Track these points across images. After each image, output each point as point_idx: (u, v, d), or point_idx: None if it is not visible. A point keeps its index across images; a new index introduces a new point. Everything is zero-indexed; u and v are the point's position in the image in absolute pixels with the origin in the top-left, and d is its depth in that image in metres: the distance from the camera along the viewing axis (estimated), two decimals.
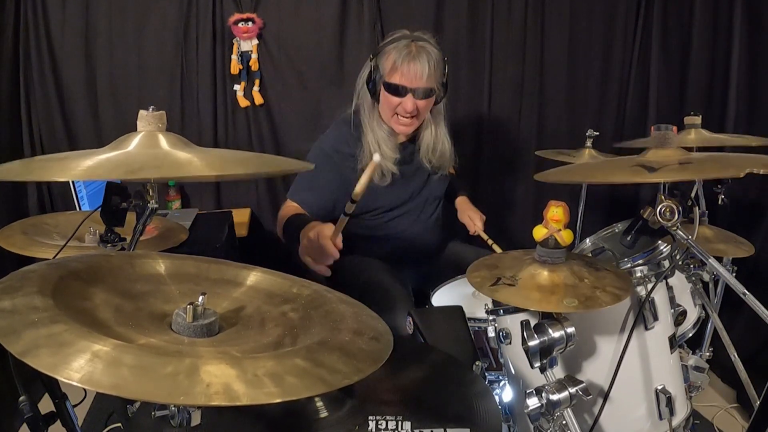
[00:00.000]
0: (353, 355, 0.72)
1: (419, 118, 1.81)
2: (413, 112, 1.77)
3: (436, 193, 2.02)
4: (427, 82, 1.73)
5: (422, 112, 1.80)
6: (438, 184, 2.02)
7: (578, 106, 2.73)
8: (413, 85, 1.73)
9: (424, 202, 2.00)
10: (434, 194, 2.02)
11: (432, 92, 1.77)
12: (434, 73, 1.74)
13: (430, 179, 1.98)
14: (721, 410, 2.16)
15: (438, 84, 1.78)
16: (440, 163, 1.94)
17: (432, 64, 1.73)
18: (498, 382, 1.42)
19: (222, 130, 2.60)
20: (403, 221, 1.94)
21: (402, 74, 1.73)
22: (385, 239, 1.94)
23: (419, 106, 1.77)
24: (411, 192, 1.96)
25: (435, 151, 1.90)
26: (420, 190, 1.98)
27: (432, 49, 1.75)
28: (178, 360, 0.61)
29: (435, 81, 1.76)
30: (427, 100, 1.77)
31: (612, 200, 2.77)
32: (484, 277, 1.15)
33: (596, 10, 2.64)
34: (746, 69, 2.47)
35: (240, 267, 0.97)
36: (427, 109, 1.81)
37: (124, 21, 2.46)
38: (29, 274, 0.75)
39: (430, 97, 1.78)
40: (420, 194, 1.98)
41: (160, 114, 1.07)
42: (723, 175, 1.48)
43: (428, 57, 1.73)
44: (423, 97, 1.76)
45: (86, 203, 2.13)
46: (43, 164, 0.98)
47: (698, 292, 1.63)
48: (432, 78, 1.74)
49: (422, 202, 1.99)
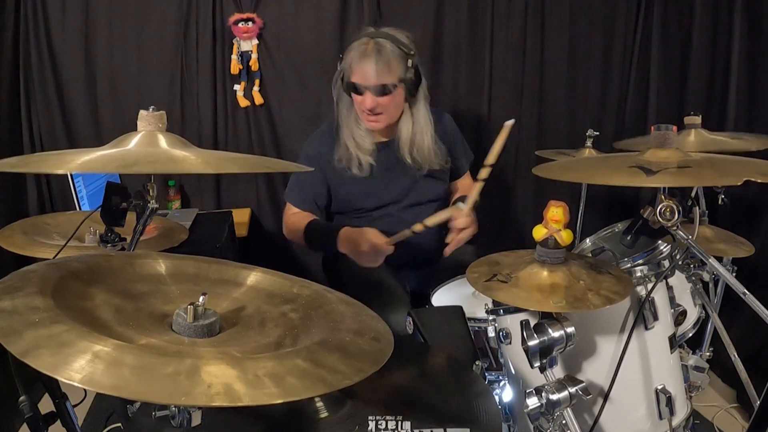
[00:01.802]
0: (354, 356, 0.72)
1: (387, 114, 1.82)
2: (374, 109, 1.78)
3: (429, 196, 1.98)
4: (380, 79, 1.74)
5: (388, 109, 1.81)
6: (431, 186, 1.97)
7: (578, 106, 2.73)
8: (367, 83, 1.75)
9: (415, 205, 1.96)
10: (427, 196, 1.97)
11: (388, 89, 1.76)
12: (388, 70, 1.74)
13: (420, 180, 1.94)
14: (721, 410, 2.16)
15: (397, 80, 1.76)
16: (423, 158, 1.89)
17: (384, 62, 1.73)
18: (498, 382, 1.42)
19: (222, 130, 2.60)
20: (395, 223, 1.85)
21: (357, 73, 1.76)
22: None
23: (380, 103, 1.78)
24: (398, 192, 1.94)
25: (413, 145, 1.88)
26: (408, 191, 1.95)
27: (389, 46, 1.75)
28: (178, 360, 0.61)
29: (392, 77, 1.75)
30: (388, 96, 1.77)
31: (612, 200, 2.76)
32: (482, 273, 1.15)
33: (596, 10, 2.64)
34: (746, 69, 2.47)
35: (240, 267, 0.97)
36: (391, 106, 1.81)
37: (124, 21, 2.46)
38: (29, 274, 0.75)
39: (388, 94, 1.77)
40: (408, 196, 1.95)
41: (160, 114, 1.07)
42: (721, 183, 1.48)
43: (381, 54, 1.74)
44: (379, 94, 1.76)
45: (86, 203, 2.12)
46: (40, 157, 0.99)
47: (698, 292, 1.63)
48: (386, 75, 1.74)
49: (413, 204, 1.96)
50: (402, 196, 1.95)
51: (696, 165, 1.10)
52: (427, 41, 2.58)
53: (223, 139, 2.61)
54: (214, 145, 2.61)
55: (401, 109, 1.86)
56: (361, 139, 1.86)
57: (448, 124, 2.05)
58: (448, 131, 2.03)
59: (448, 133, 2.03)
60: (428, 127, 1.89)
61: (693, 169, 1.08)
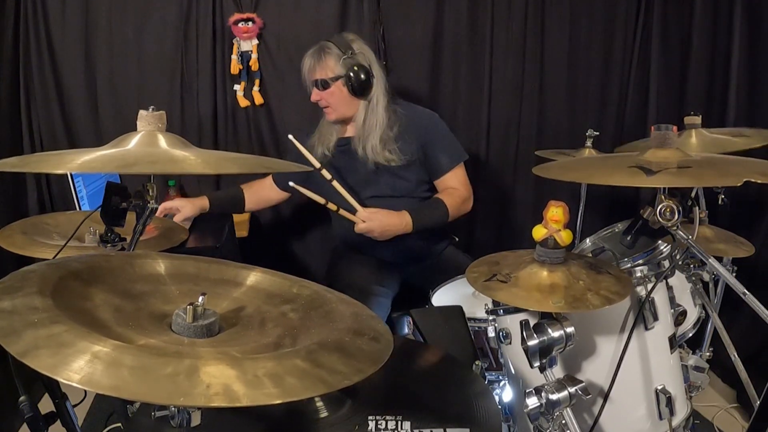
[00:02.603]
0: (353, 356, 0.72)
1: (332, 107, 2.01)
2: (319, 102, 2.01)
3: (389, 191, 2.04)
4: (316, 74, 1.97)
5: (331, 102, 2.00)
6: (389, 181, 2.04)
7: (578, 106, 2.72)
8: (309, 78, 2.01)
9: (376, 197, 2.03)
10: (386, 191, 2.04)
11: (326, 83, 1.97)
12: (322, 66, 1.96)
13: (376, 174, 2.02)
14: (721, 410, 2.16)
15: (334, 75, 1.96)
16: (373, 153, 1.99)
17: (317, 59, 1.97)
18: (498, 382, 1.43)
19: (222, 130, 2.60)
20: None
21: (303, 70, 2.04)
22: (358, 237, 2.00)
23: (322, 97, 2.00)
24: (353, 184, 2.04)
25: (364, 140, 2.00)
26: (364, 185, 2.04)
27: (329, 45, 1.97)
28: (177, 361, 0.61)
29: (328, 72, 1.96)
30: (327, 90, 1.98)
31: (612, 200, 2.76)
32: (482, 273, 1.15)
33: (596, 9, 2.64)
34: (746, 69, 2.47)
35: (240, 267, 0.97)
36: (333, 99, 1.99)
37: (124, 21, 2.46)
38: (29, 274, 0.75)
39: (327, 88, 1.98)
40: (366, 189, 2.04)
41: (160, 114, 1.07)
42: (721, 183, 1.48)
43: (317, 53, 1.97)
44: (319, 87, 1.99)
45: (86, 203, 2.12)
46: (40, 157, 0.99)
47: (698, 292, 1.63)
48: (321, 70, 1.97)
49: (374, 197, 2.03)
50: (359, 188, 2.05)
51: (696, 165, 1.10)
52: (427, 41, 2.58)
53: (223, 139, 2.61)
54: (214, 145, 2.60)
55: (350, 104, 2.01)
56: (326, 131, 2.08)
57: (426, 122, 2.07)
58: (427, 129, 2.06)
59: (426, 131, 2.05)
60: (381, 123, 2.00)
61: (693, 169, 1.08)
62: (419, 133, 2.03)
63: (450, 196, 2.03)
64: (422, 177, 2.08)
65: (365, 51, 2.00)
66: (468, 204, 2.09)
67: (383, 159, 1.99)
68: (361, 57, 1.98)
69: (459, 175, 2.09)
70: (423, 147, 2.04)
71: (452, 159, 2.08)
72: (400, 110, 2.05)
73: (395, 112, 2.03)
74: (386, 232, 1.92)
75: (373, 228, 1.90)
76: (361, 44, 2.01)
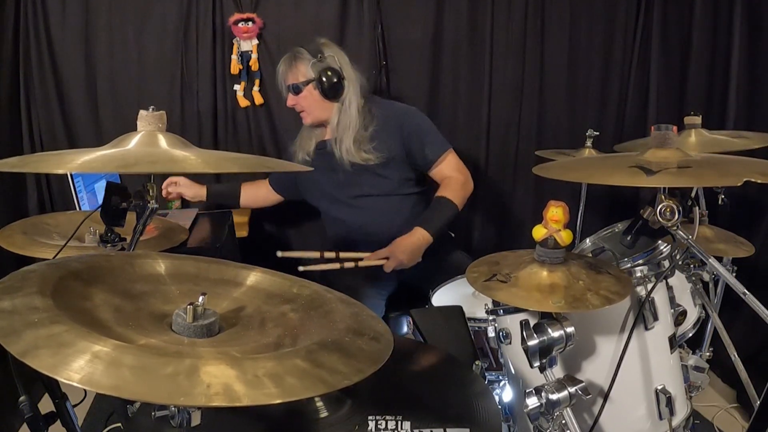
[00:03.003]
0: (353, 356, 0.72)
1: (307, 111, 2.07)
2: (295, 106, 2.07)
3: (370, 190, 2.08)
4: (289, 79, 2.04)
5: (305, 106, 2.05)
6: (370, 180, 2.06)
7: (578, 106, 2.72)
8: (283, 84, 2.08)
9: (360, 196, 2.08)
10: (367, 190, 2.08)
11: (298, 87, 2.02)
12: (294, 70, 2.02)
13: (355, 174, 2.05)
14: (721, 410, 2.16)
15: (306, 79, 2.01)
16: (348, 153, 2.02)
17: (289, 64, 2.03)
18: (498, 382, 1.43)
19: (222, 130, 2.60)
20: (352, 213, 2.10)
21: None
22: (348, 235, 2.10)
23: (297, 101, 2.05)
24: (334, 185, 2.11)
25: (339, 141, 2.04)
26: (344, 185, 2.09)
27: (301, 51, 2.01)
28: (178, 360, 0.61)
29: (299, 76, 2.01)
30: (300, 95, 2.03)
31: (612, 200, 2.76)
32: (482, 273, 1.15)
33: (596, 10, 2.64)
34: (746, 69, 2.47)
35: (240, 267, 0.97)
36: (307, 103, 2.04)
37: (124, 21, 2.46)
38: (29, 274, 0.75)
39: (299, 92, 2.03)
40: (346, 189, 2.09)
41: (160, 114, 1.07)
42: (721, 183, 1.48)
43: (289, 58, 2.03)
44: (293, 92, 2.04)
45: (86, 203, 2.12)
46: (40, 157, 0.99)
47: (698, 292, 1.63)
48: (293, 75, 2.03)
49: (357, 196, 2.09)
50: (340, 188, 2.11)
51: (696, 165, 1.10)
52: (427, 41, 2.58)
53: (223, 139, 2.61)
54: (214, 145, 2.60)
55: (323, 107, 2.05)
56: (306, 136, 2.15)
57: (402, 119, 2.09)
58: (403, 125, 2.07)
59: (403, 127, 2.07)
60: (354, 125, 2.03)
61: (693, 169, 1.08)
62: (397, 131, 2.05)
63: (448, 188, 2.04)
64: (405, 174, 2.10)
65: (337, 54, 2.04)
66: (469, 186, 2.10)
67: (360, 159, 2.02)
68: (332, 60, 2.01)
69: (451, 162, 2.10)
70: (403, 143, 2.06)
71: (436, 149, 2.08)
72: (376, 109, 2.08)
73: (370, 111, 2.06)
74: (413, 253, 1.93)
75: (399, 258, 1.91)
76: (333, 48, 2.05)
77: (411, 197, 2.12)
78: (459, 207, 2.02)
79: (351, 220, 2.12)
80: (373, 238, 2.01)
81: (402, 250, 1.91)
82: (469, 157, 2.71)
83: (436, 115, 2.64)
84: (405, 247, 1.92)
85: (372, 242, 1.99)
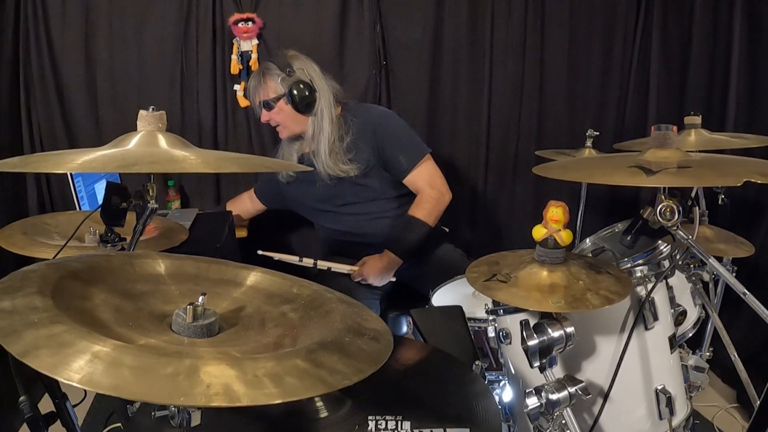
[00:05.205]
0: (353, 356, 0.72)
1: (282, 125, 2.06)
2: (269, 122, 2.06)
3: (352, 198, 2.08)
4: (260, 96, 2.02)
5: (280, 121, 2.04)
6: (350, 189, 2.07)
7: (578, 106, 2.73)
8: (254, 101, 2.07)
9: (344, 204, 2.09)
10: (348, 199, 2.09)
11: (269, 104, 2.01)
12: (264, 87, 2.01)
13: (336, 185, 2.05)
14: (721, 410, 2.16)
15: (276, 94, 1.99)
16: (325, 165, 2.01)
17: (258, 80, 2.02)
18: (498, 382, 1.43)
19: (222, 130, 2.60)
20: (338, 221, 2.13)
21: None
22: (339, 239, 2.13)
23: (271, 117, 2.04)
24: (317, 197, 2.11)
25: (317, 155, 2.03)
26: (326, 196, 2.09)
27: (269, 66, 2.01)
28: (178, 360, 0.61)
29: (269, 92, 2.00)
30: (273, 111, 2.02)
31: (612, 200, 2.76)
32: (482, 273, 1.15)
33: (596, 10, 2.64)
34: (746, 69, 2.46)
35: (240, 267, 0.97)
36: (280, 118, 2.03)
37: (124, 21, 2.46)
38: (29, 274, 0.75)
39: (270, 108, 2.02)
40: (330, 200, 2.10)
41: (160, 114, 1.07)
42: (721, 183, 1.48)
43: (257, 75, 2.03)
44: (265, 109, 2.03)
45: (86, 203, 2.12)
46: (40, 157, 0.99)
47: (698, 292, 1.63)
48: (263, 91, 2.01)
49: (342, 204, 2.10)
50: (324, 200, 2.12)
51: (696, 165, 1.09)
52: (427, 41, 2.58)
53: (223, 139, 2.61)
54: (214, 145, 2.60)
55: (298, 121, 2.03)
56: (287, 151, 2.14)
57: (375, 126, 2.05)
58: (376, 132, 2.04)
59: (375, 134, 2.03)
60: (327, 137, 2.01)
61: (693, 169, 1.08)
62: (370, 138, 2.02)
63: (419, 206, 2.01)
64: (387, 180, 2.08)
65: (306, 66, 2.02)
66: (443, 200, 2.04)
67: (339, 171, 2.02)
68: (302, 73, 2.00)
69: (423, 174, 2.04)
70: (377, 151, 2.02)
71: (411, 157, 2.03)
72: (352, 118, 2.04)
73: (346, 121, 2.03)
74: (382, 274, 1.98)
75: (368, 278, 1.98)
76: (303, 61, 2.02)
77: (397, 199, 2.11)
78: (432, 225, 2.02)
79: (339, 227, 2.14)
80: (362, 240, 2.04)
81: (371, 272, 1.97)
82: (469, 157, 2.72)
83: (436, 115, 2.64)
84: (375, 269, 1.97)
85: (363, 244, 2.02)
